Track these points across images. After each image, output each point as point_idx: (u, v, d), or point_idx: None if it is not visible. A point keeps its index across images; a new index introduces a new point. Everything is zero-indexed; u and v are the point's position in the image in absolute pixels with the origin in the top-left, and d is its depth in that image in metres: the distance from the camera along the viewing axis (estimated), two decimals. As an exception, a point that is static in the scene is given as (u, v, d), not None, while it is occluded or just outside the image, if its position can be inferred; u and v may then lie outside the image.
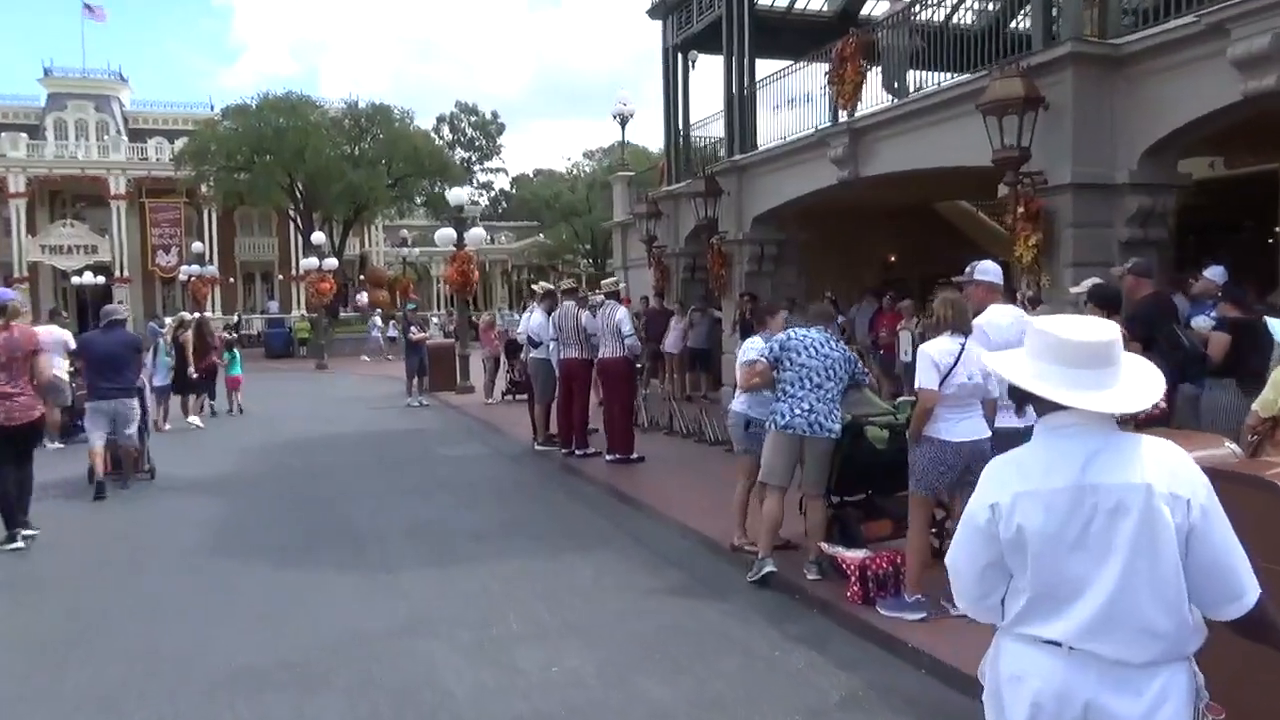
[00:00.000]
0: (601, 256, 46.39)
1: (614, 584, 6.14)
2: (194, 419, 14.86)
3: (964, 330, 5.12)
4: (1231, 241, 13.96)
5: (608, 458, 10.27)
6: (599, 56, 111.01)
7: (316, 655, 4.92)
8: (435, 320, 34.87)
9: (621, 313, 10.45)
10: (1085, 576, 2.00)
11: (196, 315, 16.56)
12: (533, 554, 6.86)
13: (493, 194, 65.48)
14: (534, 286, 14.06)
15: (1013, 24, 13.14)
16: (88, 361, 9.67)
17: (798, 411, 5.86)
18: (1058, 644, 2.04)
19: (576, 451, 10.83)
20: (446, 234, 19.86)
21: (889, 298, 15.46)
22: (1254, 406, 4.21)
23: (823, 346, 5.96)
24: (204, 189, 39.51)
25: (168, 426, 14.02)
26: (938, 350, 5.05)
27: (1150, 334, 6.31)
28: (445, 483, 9.73)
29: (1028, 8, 13.29)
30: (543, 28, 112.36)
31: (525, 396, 17.50)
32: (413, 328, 18.01)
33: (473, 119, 63.97)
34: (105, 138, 44.72)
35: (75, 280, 41.88)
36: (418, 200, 41.65)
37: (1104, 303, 6.37)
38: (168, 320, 14.83)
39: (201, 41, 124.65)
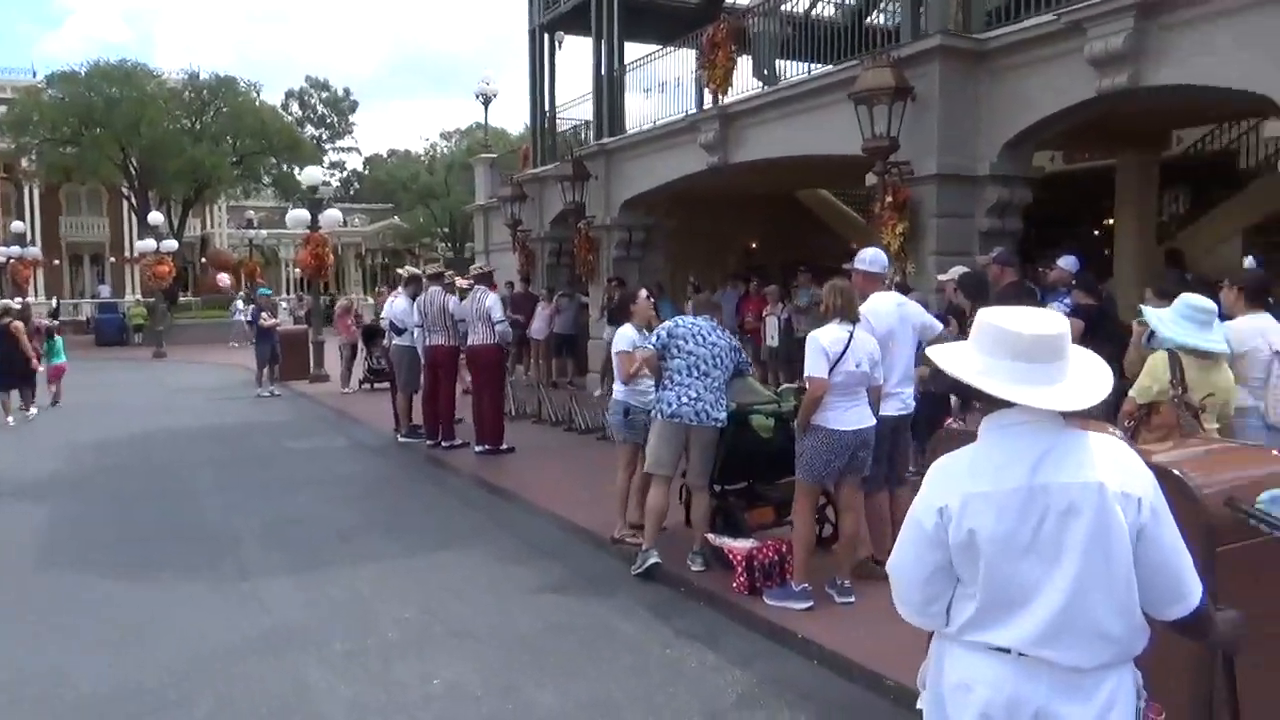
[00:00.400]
0: (460, 240, 45.44)
1: (492, 582, 5.87)
2: (13, 416, 13.67)
3: (852, 318, 5.08)
4: (1070, 234, 14.72)
5: (477, 449, 9.93)
6: (457, 36, 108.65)
7: (170, 678, 4.46)
8: (285, 306, 33.37)
9: (492, 298, 10.10)
10: (1037, 581, 1.90)
11: (19, 301, 15.17)
12: (404, 553, 6.50)
13: (345, 174, 63.08)
14: (399, 270, 13.47)
15: (869, 19, 13.46)
16: None
17: (684, 400, 5.73)
18: (1007, 651, 1.93)
19: (443, 443, 10.43)
20: (299, 215, 18.89)
21: (754, 284, 15.64)
22: (1131, 393, 4.32)
23: (710, 334, 5.85)
24: (25, 163, 36.35)
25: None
26: (827, 338, 4.99)
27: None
28: (304, 478, 9.17)
29: (886, 3, 13.70)
30: (400, 2, 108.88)
31: (385, 385, 16.93)
32: (263, 314, 17.04)
33: (324, 95, 61.37)
34: (-93, 104, 40.56)
35: None
36: (265, 180, 39.58)
37: (973, 291, 6.51)
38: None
39: (22, 2, 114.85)
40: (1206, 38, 7.28)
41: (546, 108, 18.51)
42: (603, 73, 15.41)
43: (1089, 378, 1.96)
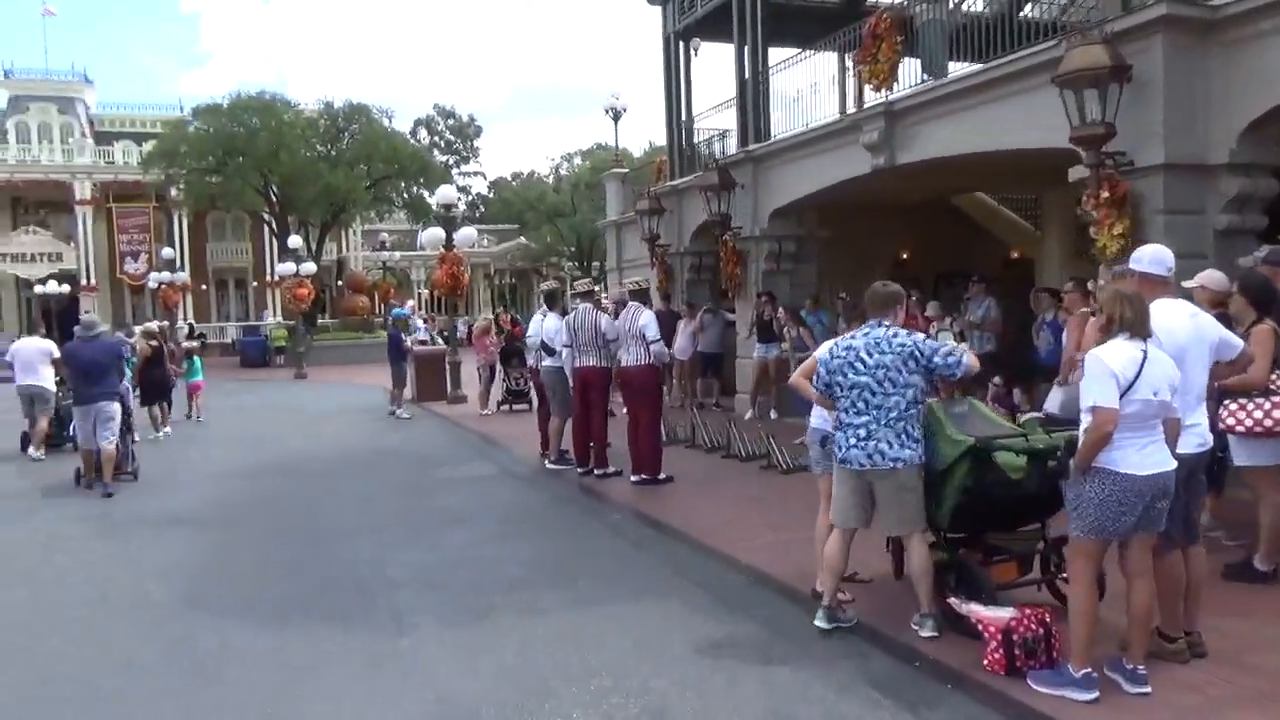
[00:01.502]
0: (588, 258, 45.32)
1: (684, 646, 5.03)
2: (166, 429, 14.18)
3: (1145, 334, 4.06)
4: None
5: (633, 479, 9.17)
6: (576, 59, 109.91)
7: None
8: (424, 325, 33.67)
9: (647, 315, 9.36)
10: None
11: (158, 325, 15.60)
12: (576, 605, 5.74)
13: (470, 198, 64.23)
14: (542, 287, 12.92)
15: (1025, 10, 12.24)
16: (72, 370, 10.58)
17: (853, 441, 4.93)
18: None
19: (596, 471, 9.72)
20: (434, 234, 18.71)
21: (914, 297, 14.45)
22: None
23: (871, 351, 4.92)
24: (174, 192, 37.99)
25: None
26: (1118, 359, 3.97)
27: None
28: (454, 513, 8.57)
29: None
30: (514, 32, 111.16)
31: (524, 407, 16.46)
32: (406, 336, 16.97)
33: (450, 122, 62.67)
34: (70, 141, 43.13)
35: (39, 289, 40.21)
36: (397, 203, 40.25)
37: (1262, 297, 5.36)
38: (136, 330, 13.70)
39: (169, 46, 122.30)
40: None
41: (683, 117, 17.82)
42: (746, 77, 14.58)
43: None
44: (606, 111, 24.47)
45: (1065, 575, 4.81)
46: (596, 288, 10.51)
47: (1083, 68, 7.79)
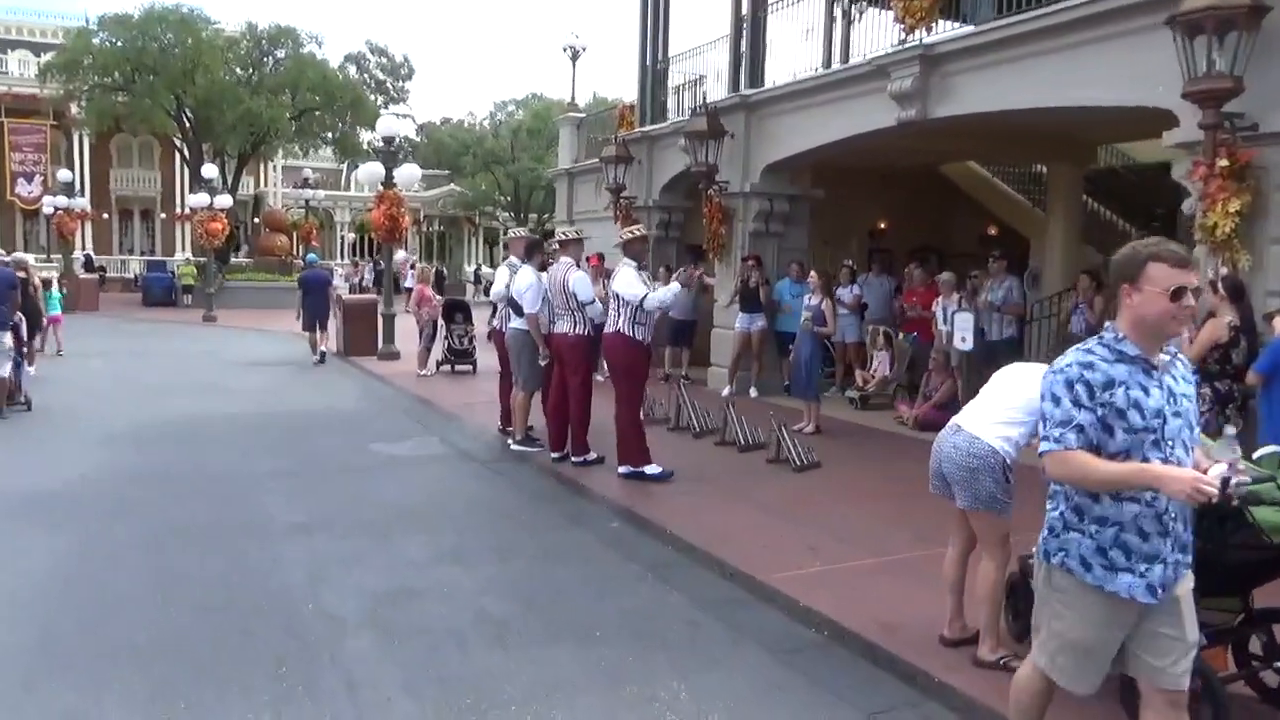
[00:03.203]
0: (524, 209, 43.16)
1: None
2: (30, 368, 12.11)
3: None
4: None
5: (622, 470, 7.58)
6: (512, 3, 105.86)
7: None
8: (340, 272, 31.32)
9: (629, 276, 7.68)
10: None
11: (14, 256, 13.41)
12: (592, 669, 4.17)
13: (398, 141, 61.04)
14: (511, 233, 11.02)
15: None
16: None
17: (1144, 555, 2.74)
18: None
19: (574, 458, 8.11)
20: (372, 170, 16.64)
21: (917, 268, 13.14)
22: None
23: (1180, 379, 2.84)
24: (74, 109, 34.49)
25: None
26: None
27: None
28: (404, 509, 6.86)
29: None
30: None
31: (467, 368, 14.71)
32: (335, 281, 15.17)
33: (381, 60, 59.20)
34: (-43, 45, 38.97)
35: (-83, 208, 36.36)
36: (325, 138, 37.34)
37: None
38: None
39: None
40: None
41: (659, 57, 16.08)
42: (744, 11, 12.92)
43: None
44: (564, 50, 22.58)
45: None
46: (582, 236, 8.78)
47: (1212, 5, 6.40)
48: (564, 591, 5.15)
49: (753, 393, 12.60)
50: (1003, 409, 4.28)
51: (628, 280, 7.48)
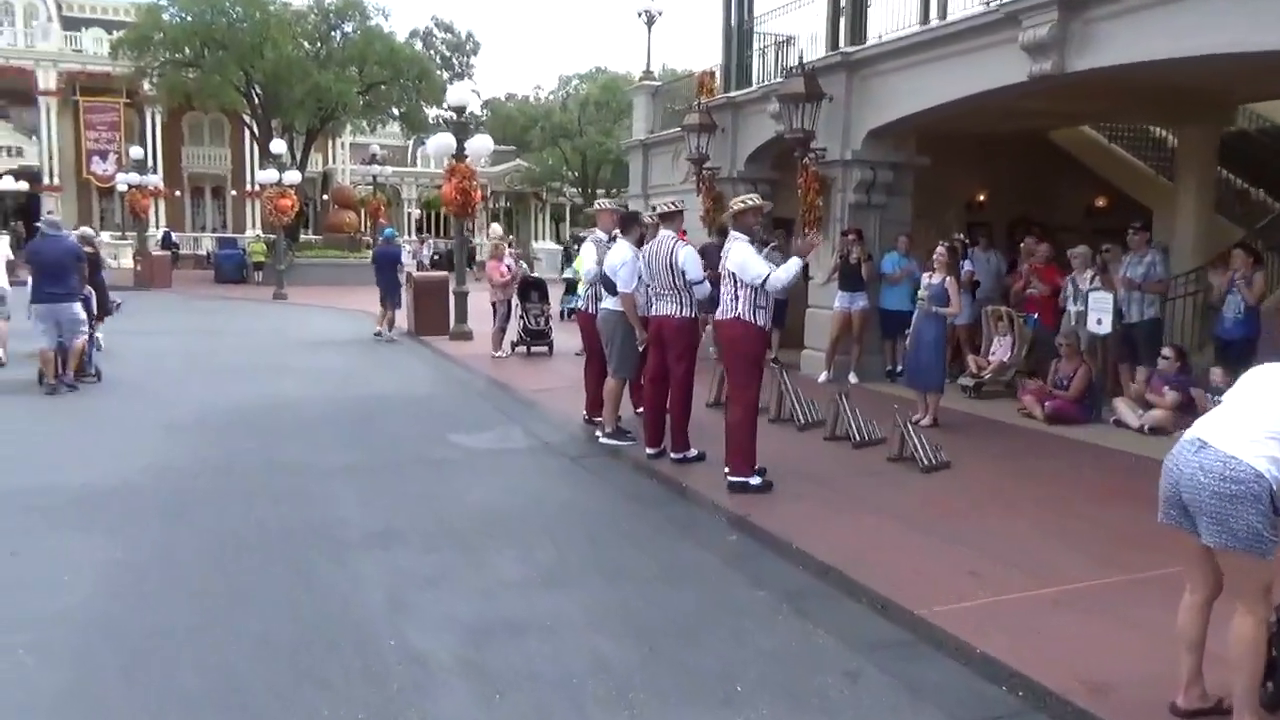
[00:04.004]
0: (592, 184, 42.36)
1: None
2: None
3: None
4: None
5: (731, 479, 6.66)
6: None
7: None
8: (409, 249, 30.95)
9: (746, 253, 6.74)
10: None
11: (81, 230, 12.95)
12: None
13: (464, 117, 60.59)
14: (598, 204, 10.14)
15: None
16: (35, 269, 10.04)
17: None
18: None
19: (673, 454, 7.29)
20: (442, 142, 15.93)
21: (1038, 242, 12.03)
22: None
23: None
24: (146, 86, 34.57)
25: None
26: None
27: None
28: (491, 515, 6.10)
29: None
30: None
31: (543, 349, 13.99)
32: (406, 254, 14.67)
33: (447, 36, 58.70)
34: (33, 24, 39.29)
35: (-3, 186, 36.93)
36: (393, 114, 36.89)
37: None
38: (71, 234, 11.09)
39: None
40: None
41: (745, 17, 15.07)
42: (845, -38, 11.85)
43: None
44: (640, 15, 21.65)
45: None
46: (683, 208, 7.91)
47: None
48: (690, 629, 4.31)
49: (852, 379, 11.66)
50: (1268, 421, 3.31)
51: (746, 257, 6.57)
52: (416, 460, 7.49)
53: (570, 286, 20.49)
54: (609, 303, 7.82)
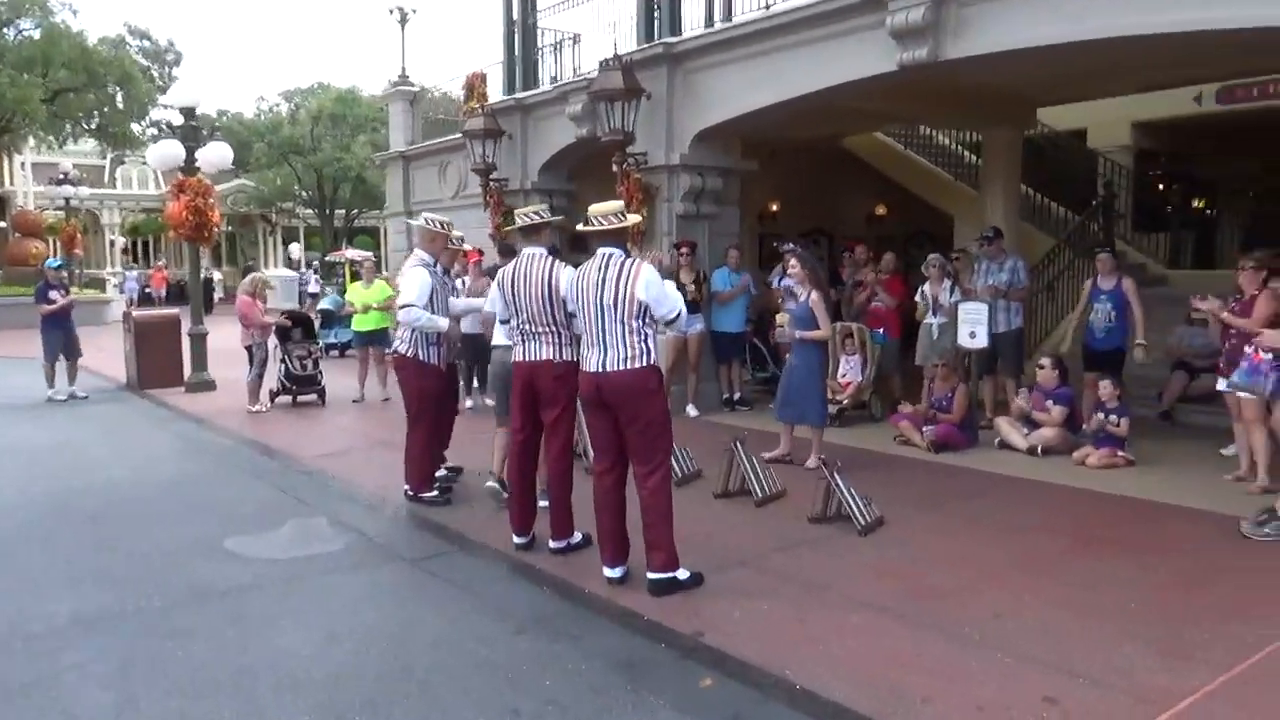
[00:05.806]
0: (329, 204, 38.90)
1: None
2: None
3: None
4: None
5: (652, 575, 4.95)
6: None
7: None
8: (115, 282, 26.55)
9: (650, 273, 5.12)
10: None
11: None
12: None
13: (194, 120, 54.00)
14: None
15: None
16: None
17: None
18: None
19: (552, 544, 5.52)
20: (167, 151, 13.02)
21: (862, 253, 11.33)
22: None
23: None
24: None
25: None
26: None
27: None
28: (337, 688, 4.01)
29: None
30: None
31: (310, 397, 11.61)
32: (52, 290, 11.94)
33: (144, 44, 52.31)
34: None
35: None
36: (87, 126, 31.72)
37: None
38: None
39: None
40: None
41: (527, 12, 13.49)
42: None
43: None
44: (391, 12, 19.51)
45: None
46: (546, 219, 6.10)
47: None
48: None
49: (691, 411, 10.35)
50: None
51: (655, 283, 4.94)
52: (188, 594, 5.12)
53: (327, 318, 17.83)
54: (500, 339, 5.99)
